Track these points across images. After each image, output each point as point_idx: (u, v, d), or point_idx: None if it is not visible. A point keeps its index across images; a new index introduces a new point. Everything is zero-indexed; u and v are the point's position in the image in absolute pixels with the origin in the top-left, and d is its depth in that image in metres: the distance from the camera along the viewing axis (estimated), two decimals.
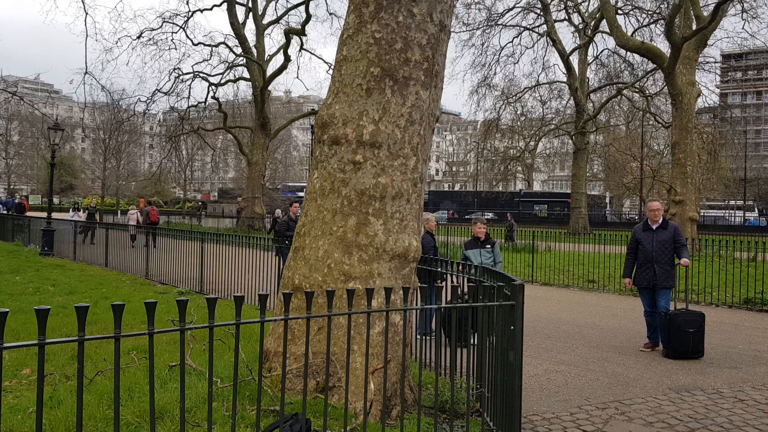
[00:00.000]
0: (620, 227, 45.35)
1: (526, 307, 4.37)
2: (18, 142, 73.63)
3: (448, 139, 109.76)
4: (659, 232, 8.11)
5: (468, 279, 5.66)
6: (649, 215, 8.31)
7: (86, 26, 39.79)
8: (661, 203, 8.76)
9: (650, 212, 8.28)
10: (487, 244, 8.94)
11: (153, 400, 2.73)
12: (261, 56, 35.97)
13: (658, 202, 8.67)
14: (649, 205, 8.50)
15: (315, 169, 5.32)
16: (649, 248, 8.04)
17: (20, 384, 5.54)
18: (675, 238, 8.07)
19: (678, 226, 8.61)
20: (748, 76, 75.82)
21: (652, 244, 8.04)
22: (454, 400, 4.79)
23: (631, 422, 5.28)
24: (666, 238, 8.05)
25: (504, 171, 52.48)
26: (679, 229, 8.33)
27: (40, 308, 2.28)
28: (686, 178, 22.50)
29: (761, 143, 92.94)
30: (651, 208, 8.34)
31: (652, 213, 8.25)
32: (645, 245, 8.09)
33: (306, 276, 5.06)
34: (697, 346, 7.63)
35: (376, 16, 5.06)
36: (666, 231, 8.11)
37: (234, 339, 3.16)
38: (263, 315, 3.04)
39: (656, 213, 8.21)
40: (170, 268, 13.22)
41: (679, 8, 21.38)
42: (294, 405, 4.56)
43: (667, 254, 8.01)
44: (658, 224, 8.16)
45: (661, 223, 8.18)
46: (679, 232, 8.25)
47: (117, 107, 43.15)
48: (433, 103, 5.32)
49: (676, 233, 8.14)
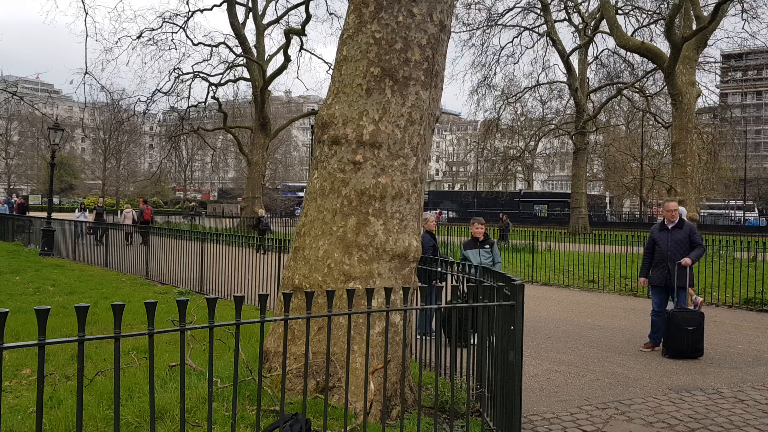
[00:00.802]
0: (620, 227, 45.37)
1: (526, 307, 4.37)
2: (18, 142, 73.64)
3: (448, 139, 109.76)
4: (675, 232, 8.22)
5: (467, 279, 5.66)
6: (665, 215, 8.42)
7: (86, 26, 39.95)
8: (677, 203, 8.84)
9: (667, 212, 8.40)
10: (486, 244, 8.95)
11: (153, 400, 2.73)
12: (261, 56, 35.99)
13: (675, 202, 8.78)
14: (666, 205, 8.62)
15: (315, 169, 5.32)
16: (665, 248, 8.15)
17: (20, 384, 5.54)
18: (690, 237, 8.18)
19: (694, 226, 8.72)
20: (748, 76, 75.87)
21: (668, 244, 8.15)
22: (454, 400, 4.79)
23: (631, 422, 5.28)
24: (681, 237, 8.16)
25: (504, 171, 52.50)
26: (695, 229, 8.42)
27: (40, 308, 2.28)
28: (686, 178, 22.48)
29: (761, 143, 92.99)
30: (668, 208, 8.46)
31: (668, 213, 8.36)
32: (660, 245, 8.22)
33: (306, 276, 5.06)
34: (696, 345, 7.63)
35: (376, 16, 5.06)
36: (681, 231, 8.22)
37: (234, 339, 3.16)
38: (263, 315, 3.04)
39: (673, 213, 8.31)
40: (170, 268, 13.22)
41: (679, 8, 21.37)
42: (294, 405, 4.56)
43: (682, 254, 8.10)
44: (674, 224, 8.28)
45: (677, 223, 8.29)
46: (695, 232, 8.33)
47: (117, 107, 43.21)
48: (433, 103, 5.32)
49: (692, 233, 8.24)
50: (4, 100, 35.17)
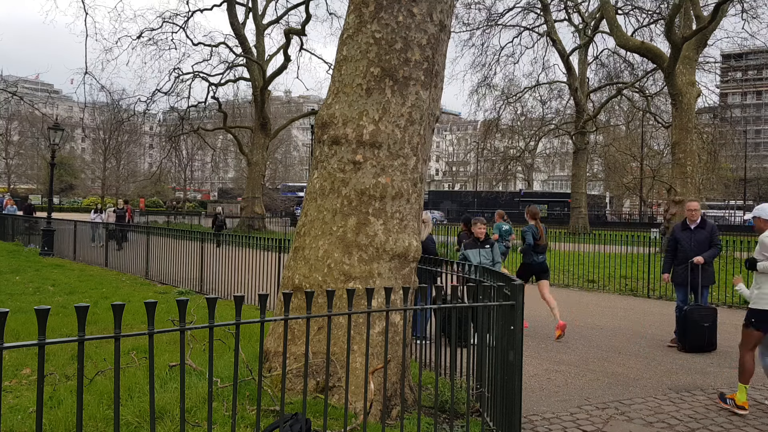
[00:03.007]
0: (620, 227, 45.36)
1: (526, 307, 4.37)
2: (18, 142, 73.62)
3: (448, 139, 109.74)
4: (697, 232, 8.44)
5: (467, 279, 5.66)
6: (687, 215, 8.63)
7: (86, 26, 39.91)
8: (699, 203, 9.06)
9: (689, 212, 8.60)
10: (486, 244, 8.95)
11: (153, 400, 2.73)
12: (261, 56, 35.97)
13: (697, 202, 8.99)
14: (688, 205, 8.83)
15: (315, 169, 5.32)
16: (687, 247, 8.37)
17: (20, 384, 5.54)
18: (711, 238, 8.39)
19: (716, 226, 8.93)
20: (748, 76, 75.87)
21: (690, 243, 8.37)
22: (454, 400, 4.79)
23: (631, 422, 5.29)
24: (703, 237, 8.38)
25: (504, 171, 52.45)
26: (716, 230, 8.64)
27: (40, 308, 2.28)
28: (686, 178, 22.49)
29: (761, 143, 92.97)
30: (690, 208, 8.66)
31: (690, 213, 8.57)
32: (683, 244, 8.44)
33: (306, 276, 5.06)
34: (711, 339, 8.06)
35: (376, 16, 5.06)
36: (704, 231, 8.45)
37: (234, 339, 3.16)
38: (263, 315, 3.04)
39: (694, 213, 8.53)
40: (170, 268, 13.21)
41: (679, 8, 21.37)
42: (294, 405, 4.56)
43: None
44: (696, 224, 8.49)
45: (699, 222, 8.51)
46: (716, 233, 8.54)
47: (117, 107, 43.13)
48: (433, 103, 5.32)
49: (713, 233, 8.45)
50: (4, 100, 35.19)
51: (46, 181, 48.11)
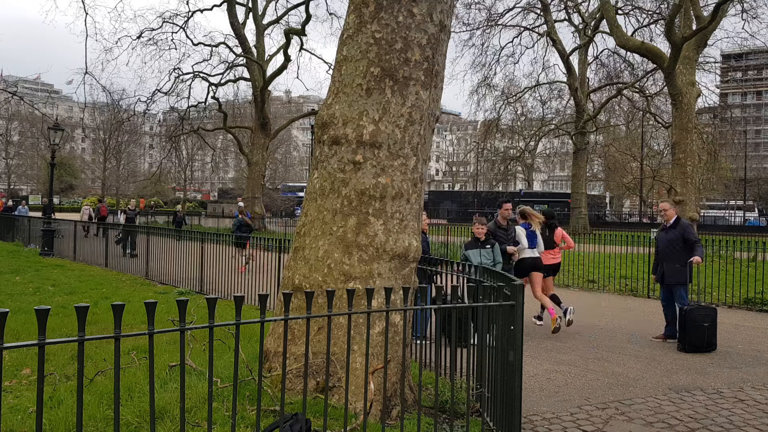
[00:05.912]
0: (620, 227, 45.33)
1: (526, 308, 4.37)
2: (18, 142, 73.64)
3: (448, 139, 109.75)
4: (669, 232, 8.67)
5: (468, 279, 5.66)
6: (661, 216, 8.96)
7: (86, 26, 39.90)
8: (669, 203, 9.26)
9: (660, 213, 8.95)
10: (487, 244, 8.95)
11: (153, 400, 2.73)
12: (261, 56, 35.99)
13: (667, 203, 9.22)
14: (660, 206, 9.18)
15: (315, 169, 5.32)
16: (660, 247, 8.71)
17: (20, 384, 5.54)
18: (684, 236, 8.54)
19: (689, 224, 9.12)
20: (748, 76, 75.91)
21: (663, 243, 8.66)
22: (454, 400, 4.79)
23: (631, 422, 5.28)
24: (674, 237, 8.58)
25: (504, 171, 52.47)
26: (688, 228, 8.76)
27: (40, 308, 2.28)
28: (686, 178, 22.48)
29: (761, 143, 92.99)
30: (660, 208, 9.00)
31: (662, 213, 8.90)
32: (658, 244, 8.79)
33: (306, 276, 5.06)
34: (711, 339, 8.09)
35: (376, 16, 5.06)
36: (674, 230, 8.63)
37: (234, 339, 3.16)
38: (263, 315, 3.04)
39: (665, 213, 8.83)
40: (170, 268, 13.22)
41: (679, 8, 21.38)
42: (294, 405, 4.55)
43: (675, 253, 8.49)
44: (670, 224, 8.72)
45: (672, 223, 8.72)
46: (688, 230, 8.66)
47: (117, 107, 43.12)
48: (433, 103, 5.32)
49: (685, 232, 8.59)
50: (4, 100, 35.19)
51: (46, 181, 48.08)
